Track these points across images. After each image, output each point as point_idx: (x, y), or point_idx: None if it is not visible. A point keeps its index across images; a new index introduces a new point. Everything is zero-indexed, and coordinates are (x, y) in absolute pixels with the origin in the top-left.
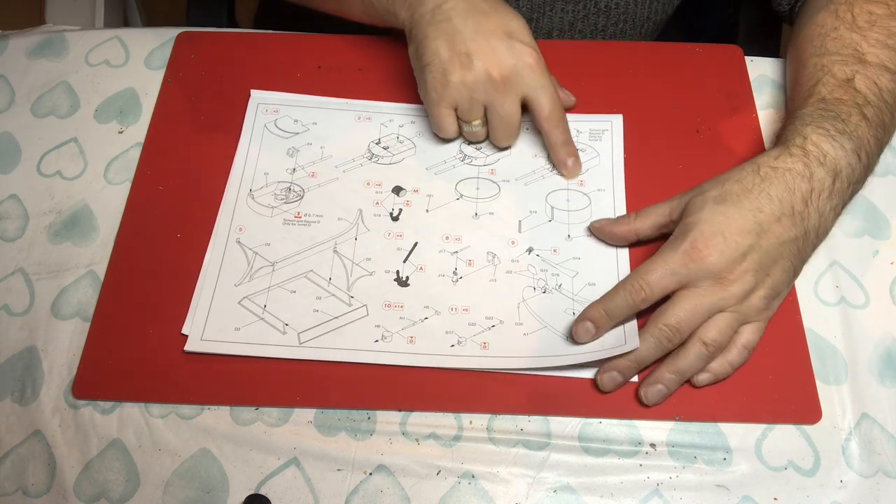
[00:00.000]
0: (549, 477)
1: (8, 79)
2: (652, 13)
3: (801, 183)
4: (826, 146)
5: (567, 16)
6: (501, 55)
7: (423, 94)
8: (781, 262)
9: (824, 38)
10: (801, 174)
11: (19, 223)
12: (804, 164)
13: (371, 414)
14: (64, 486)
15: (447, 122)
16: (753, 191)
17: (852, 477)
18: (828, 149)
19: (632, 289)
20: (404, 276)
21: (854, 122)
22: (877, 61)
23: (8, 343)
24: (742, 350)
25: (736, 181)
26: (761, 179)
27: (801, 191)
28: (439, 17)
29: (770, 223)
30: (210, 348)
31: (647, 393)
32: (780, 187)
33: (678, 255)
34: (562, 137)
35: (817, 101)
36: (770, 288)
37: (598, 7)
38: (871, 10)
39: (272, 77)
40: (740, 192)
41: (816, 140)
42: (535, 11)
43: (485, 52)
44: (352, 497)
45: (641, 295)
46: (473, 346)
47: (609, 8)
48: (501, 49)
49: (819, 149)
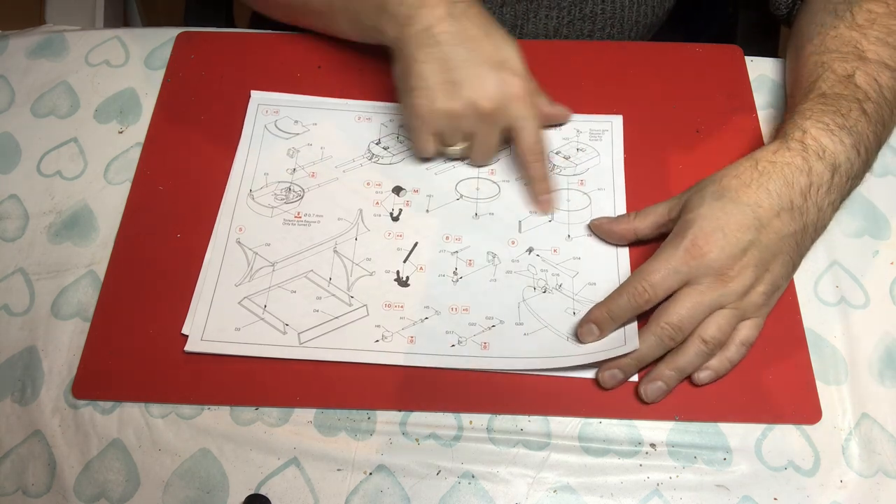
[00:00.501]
0: (549, 477)
1: (8, 79)
2: (641, 17)
3: (799, 177)
4: (825, 140)
5: (552, 22)
6: (489, 86)
7: (407, 117)
8: (780, 256)
9: (824, 36)
10: (799, 168)
11: (19, 223)
12: (803, 158)
13: (371, 414)
14: (64, 486)
15: (428, 147)
16: (752, 185)
17: (852, 477)
18: (827, 143)
19: (635, 291)
20: (404, 276)
21: (854, 118)
22: (877, 58)
23: (8, 343)
24: (741, 347)
25: (734, 176)
26: (760, 174)
27: (800, 185)
28: (429, 40)
29: (769, 218)
30: (210, 348)
31: (646, 390)
32: (778, 182)
33: (679, 254)
34: (540, 172)
35: (817, 97)
36: (769, 283)
37: (583, 13)
38: (870, 8)
39: (272, 77)
40: (739, 187)
41: (816, 134)
42: (518, 18)
43: (473, 81)
44: (352, 497)
45: (645, 297)
46: (473, 346)
47: (595, 14)
48: (490, 79)
49: (818, 143)
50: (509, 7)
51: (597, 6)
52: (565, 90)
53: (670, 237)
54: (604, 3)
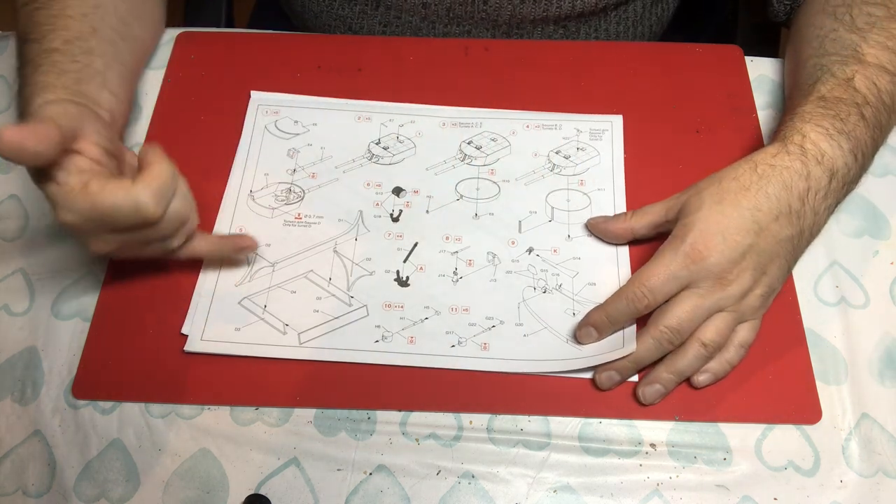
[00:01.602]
0: (549, 477)
1: (8, 79)
2: (636, 37)
3: (798, 182)
4: (824, 145)
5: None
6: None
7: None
8: (777, 260)
9: (823, 39)
10: (798, 173)
11: (19, 223)
12: (802, 162)
13: (371, 414)
14: (64, 486)
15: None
16: (751, 189)
17: (852, 477)
18: (826, 148)
19: (634, 296)
20: (404, 276)
21: (853, 122)
22: (876, 62)
23: (8, 343)
24: (739, 349)
25: (733, 179)
26: (759, 177)
27: (799, 189)
28: None
29: (768, 222)
30: (210, 348)
31: (644, 392)
32: (777, 185)
33: (679, 258)
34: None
35: (817, 99)
36: (766, 286)
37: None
38: (870, 11)
39: (272, 77)
40: (738, 190)
41: (815, 139)
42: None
43: None
44: (352, 497)
45: (644, 302)
46: (473, 346)
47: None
48: None
49: (817, 147)
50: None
51: (590, 35)
52: (565, 90)
53: (669, 240)
54: (597, 32)
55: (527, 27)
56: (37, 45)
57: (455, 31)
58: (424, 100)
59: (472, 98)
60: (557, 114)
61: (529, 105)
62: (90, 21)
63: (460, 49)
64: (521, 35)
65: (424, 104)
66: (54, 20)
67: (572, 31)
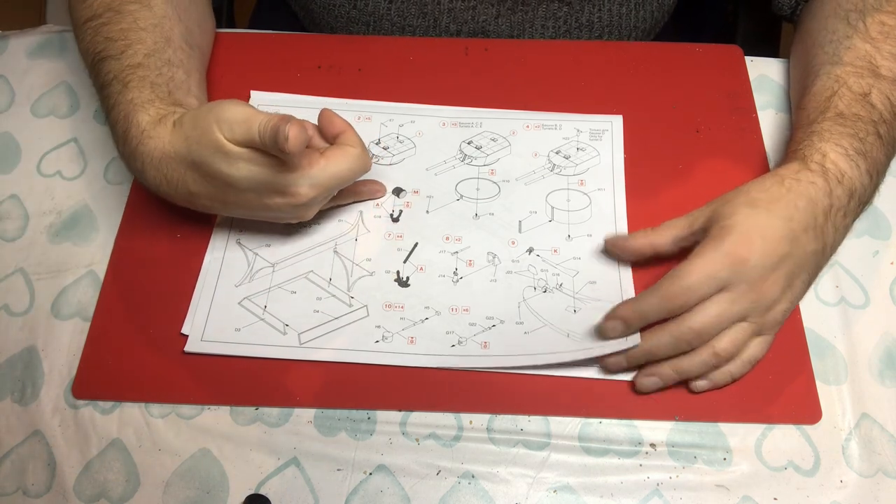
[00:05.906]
0: (549, 477)
1: (8, 79)
2: (639, 22)
3: (822, 198)
4: (844, 165)
5: (548, 32)
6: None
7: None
8: (803, 274)
9: (837, 45)
10: (822, 189)
11: (19, 223)
12: (825, 180)
13: (371, 414)
14: (64, 486)
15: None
16: (782, 200)
17: (852, 477)
18: (845, 168)
19: (669, 294)
20: (405, 276)
21: (870, 142)
22: (891, 76)
23: (8, 343)
24: (746, 364)
25: (762, 190)
26: (787, 190)
27: (823, 205)
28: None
29: (799, 233)
30: (210, 349)
31: (642, 382)
32: (804, 199)
33: (719, 257)
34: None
35: (835, 116)
36: (790, 301)
37: (579, 22)
38: (882, 20)
39: (272, 77)
40: (769, 200)
41: (835, 158)
42: (514, 29)
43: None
44: (352, 497)
45: (679, 301)
46: (474, 345)
47: (591, 22)
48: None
49: (837, 167)
50: (504, 18)
51: (593, 15)
52: (565, 90)
53: (706, 241)
54: (600, 11)
55: (531, 3)
56: (116, 61)
57: (459, 7)
58: (424, 100)
59: (472, 98)
60: (557, 114)
61: (529, 105)
62: (162, 32)
63: (460, 49)
64: (526, 10)
65: (424, 104)
66: (127, 34)
67: (576, 8)
